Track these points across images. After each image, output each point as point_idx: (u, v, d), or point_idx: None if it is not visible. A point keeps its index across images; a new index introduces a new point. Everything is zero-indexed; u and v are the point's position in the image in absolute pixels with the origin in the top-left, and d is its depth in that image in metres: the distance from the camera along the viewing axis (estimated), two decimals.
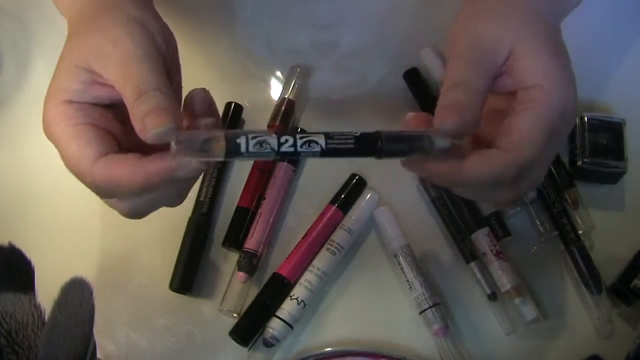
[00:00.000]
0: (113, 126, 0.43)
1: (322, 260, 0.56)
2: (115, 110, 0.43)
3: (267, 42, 0.64)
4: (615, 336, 0.55)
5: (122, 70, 0.41)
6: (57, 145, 0.42)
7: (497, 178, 0.41)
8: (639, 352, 0.52)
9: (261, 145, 0.38)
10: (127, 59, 0.41)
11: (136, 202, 0.43)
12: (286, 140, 0.38)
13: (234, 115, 0.61)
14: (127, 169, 0.40)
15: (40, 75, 0.63)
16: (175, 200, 0.45)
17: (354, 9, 0.64)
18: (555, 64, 0.42)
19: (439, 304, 0.55)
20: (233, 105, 0.61)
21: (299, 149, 0.38)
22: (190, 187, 0.45)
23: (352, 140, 0.39)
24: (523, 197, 0.57)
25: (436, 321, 0.54)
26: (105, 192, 0.42)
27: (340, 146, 0.39)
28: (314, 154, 0.39)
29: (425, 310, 0.55)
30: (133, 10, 0.43)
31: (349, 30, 0.63)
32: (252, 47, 0.63)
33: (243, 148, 0.38)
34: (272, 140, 0.38)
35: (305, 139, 0.38)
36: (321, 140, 0.39)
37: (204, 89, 0.43)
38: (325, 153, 0.39)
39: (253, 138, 0.38)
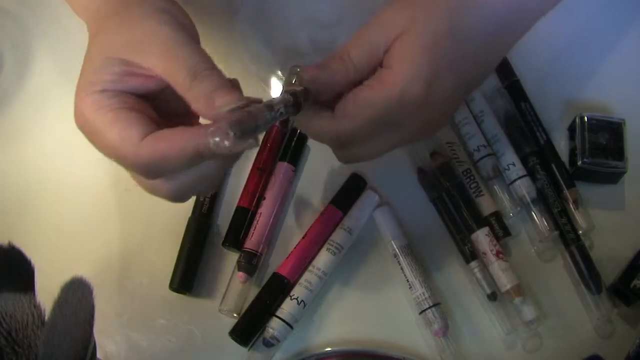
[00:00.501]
0: (149, 113, 0.43)
1: (322, 260, 0.56)
2: (152, 100, 0.43)
3: (267, 41, 0.64)
4: (615, 336, 0.55)
5: (168, 57, 0.41)
6: (94, 134, 0.42)
7: (323, 140, 0.47)
8: (639, 352, 0.52)
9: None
10: (170, 45, 0.41)
11: (182, 180, 0.42)
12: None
13: None
14: (176, 140, 0.39)
15: (40, 75, 0.63)
16: (220, 173, 0.44)
17: (353, 8, 0.63)
18: (420, 56, 0.43)
19: (439, 304, 0.55)
20: None
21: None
22: (234, 161, 0.44)
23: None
24: (519, 199, 0.57)
25: (436, 321, 0.54)
26: (152, 170, 0.41)
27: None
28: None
29: (425, 310, 0.55)
30: (158, 2, 0.43)
31: (348, 30, 0.63)
32: (252, 47, 0.63)
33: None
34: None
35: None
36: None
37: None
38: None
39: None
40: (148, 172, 0.41)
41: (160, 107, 0.44)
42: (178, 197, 0.43)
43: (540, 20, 0.48)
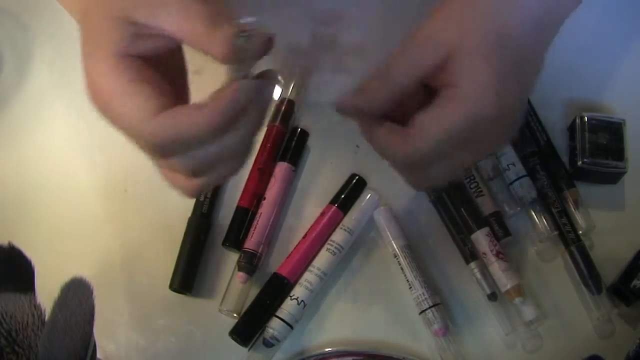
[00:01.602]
0: (164, 85, 0.42)
1: (322, 261, 0.56)
2: (162, 69, 0.43)
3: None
4: (615, 336, 0.55)
5: (185, 11, 0.40)
6: (106, 104, 0.41)
7: (395, 159, 0.44)
8: (639, 352, 0.52)
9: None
10: (181, 1, 0.41)
11: (199, 157, 0.41)
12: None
13: None
14: (191, 114, 0.39)
15: (40, 75, 0.63)
16: (241, 150, 0.43)
17: (354, 7, 0.63)
18: (482, 69, 0.42)
19: (439, 304, 0.55)
20: None
21: None
22: (252, 136, 0.43)
23: None
24: (519, 199, 0.57)
25: (436, 321, 0.54)
26: (166, 146, 0.40)
27: None
28: None
29: (425, 310, 0.55)
30: None
31: (348, 29, 0.63)
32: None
33: None
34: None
35: None
36: None
37: None
38: None
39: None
40: (161, 149, 0.41)
41: (173, 76, 0.44)
42: (197, 175, 0.43)
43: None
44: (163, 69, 0.43)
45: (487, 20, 0.43)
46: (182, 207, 0.58)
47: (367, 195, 0.58)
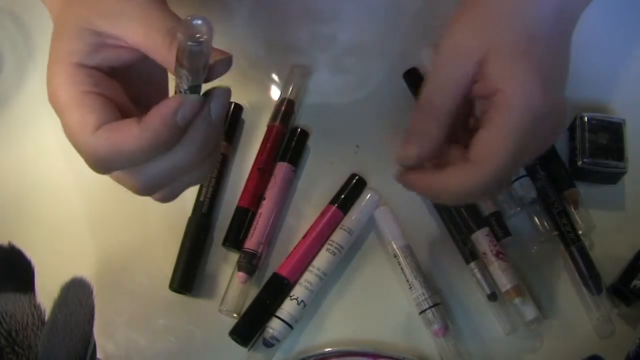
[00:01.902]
0: (120, 98, 0.42)
1: (321, 261, 0.56)
2: (123, 80, 0.43)
3: (266, 41, 0.64)
4: (615, 336, 0.55)
5: (145, 21, 0.40)
6: (59, 112, 0.41)
7: (468, 192, 0.43)
8: (639, 352, 0.52)
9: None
10: (145, 10, 0.40)
11: (149, 174, 0.41)
12: None
13: (234, 115, 0.61)
14: (128, 129, 0.38)
15: (40, 75, 0.63)
16: (196, 164, 0.41)
17: (353, 7, 0.63)
18: (520, 67, 0.41)
19: (439, 304, 0.55)
20: (233, 105, 0.61)
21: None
22: (205, 151, 0.41)
23: None
24: (519, 199, 0.57)
25: (436, 321, 0.54)
26: (108, 162, 0.40)
27: None
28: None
29: (425, 310, 0.55)
30: None
31: (348, 29, 0.63)
32: (252, 46, 0.63)
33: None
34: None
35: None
36: None
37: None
38: None
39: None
40: (103, 165, 0.40)
41: (135, 86, 0.43)
42: (147, 188, 0.42)
43: None
44: (135, 79, 0.43)
45: (514, 19, 0.42)
46: (182, 207, 0.58)
47: (367, 195, 0.58)
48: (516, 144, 0.41)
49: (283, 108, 0.60)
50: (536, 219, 0.57)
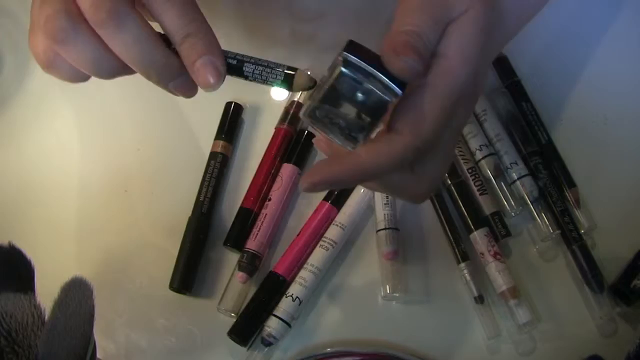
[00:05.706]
0: None
1: (315, 257, 0.56)
2: None
3: (267, 41, 0.63)
4: (616, 336, 0.55)
5: None
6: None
7: (396, 164, 0.39)
8: (639, 352, 0.52)
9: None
10: None
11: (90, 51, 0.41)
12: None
13: (234, 115, 0.61)
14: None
15: (40, 75, 0.63)
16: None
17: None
18: (474, 42, 0.39)
19: (398, 230, 0.56)
20: (233, 105, 0.61)
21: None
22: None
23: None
24: (520, 198, 0.57)
25: (388, 244, 0.55)
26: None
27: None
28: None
29: (382, 230, 0.55)
30: None
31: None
32: (252, 46, 0.63)
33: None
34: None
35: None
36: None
37: None
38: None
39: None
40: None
41: None
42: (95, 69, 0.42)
43: (543, 20, 0.48)
44: None
45: None
46: (182, 207, 0.58)
47: (361, 190, 0.58)
48: (445, 115, 0.39)
49: (292, 111, 0.60)
50: (538, 218, 0.57)
